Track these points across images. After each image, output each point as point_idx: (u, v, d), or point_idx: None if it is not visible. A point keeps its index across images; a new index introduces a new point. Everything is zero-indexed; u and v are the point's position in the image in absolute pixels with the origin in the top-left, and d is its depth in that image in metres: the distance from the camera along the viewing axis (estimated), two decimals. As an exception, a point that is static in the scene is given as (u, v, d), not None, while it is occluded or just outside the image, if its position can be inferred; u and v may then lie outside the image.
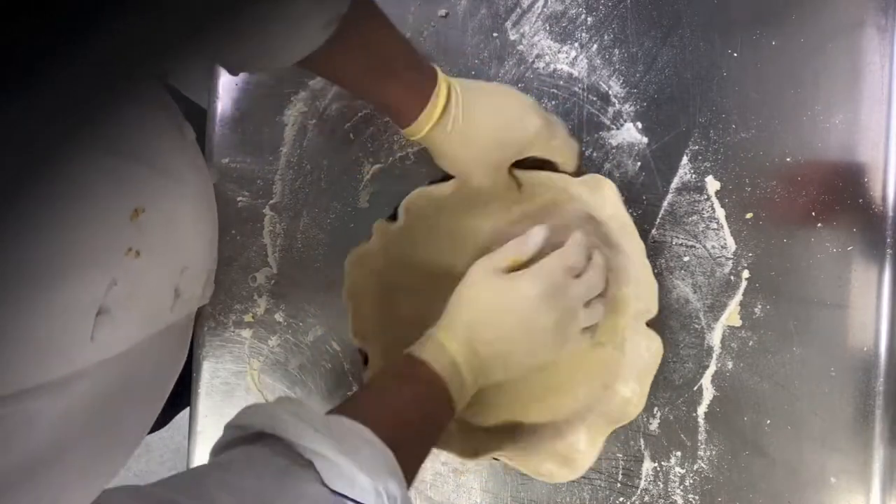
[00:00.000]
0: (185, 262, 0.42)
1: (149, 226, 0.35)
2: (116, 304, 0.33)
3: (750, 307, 0.59)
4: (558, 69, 0.62)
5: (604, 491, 0.62)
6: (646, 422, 0.61)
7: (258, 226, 0.66)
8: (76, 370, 0.31)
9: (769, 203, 0.59)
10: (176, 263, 0.41)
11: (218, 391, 0.67)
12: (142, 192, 0.35)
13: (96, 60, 0.17)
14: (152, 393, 0.42)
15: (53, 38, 0.16)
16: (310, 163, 0.66)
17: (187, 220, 0.42)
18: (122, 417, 0.38)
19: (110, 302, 0.32)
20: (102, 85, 0.18)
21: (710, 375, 0.60)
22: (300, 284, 0.66)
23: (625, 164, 0.61)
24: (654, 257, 0.60)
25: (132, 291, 0.34)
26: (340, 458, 0.40)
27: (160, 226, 0.37)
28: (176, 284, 0.41)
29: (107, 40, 0.17)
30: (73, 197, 0.29)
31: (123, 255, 0.33)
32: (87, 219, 0.31)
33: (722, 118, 0.59)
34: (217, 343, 0.67)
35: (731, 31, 0.59)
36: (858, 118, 0.57)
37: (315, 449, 0.40)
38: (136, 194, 0.35)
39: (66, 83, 0.17)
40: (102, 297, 0.32)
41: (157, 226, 0.36)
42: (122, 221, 0.34)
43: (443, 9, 0.63)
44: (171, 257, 0.40)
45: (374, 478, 0.40)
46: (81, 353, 0.31)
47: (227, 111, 0.66)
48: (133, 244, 0.34)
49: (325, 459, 0.40)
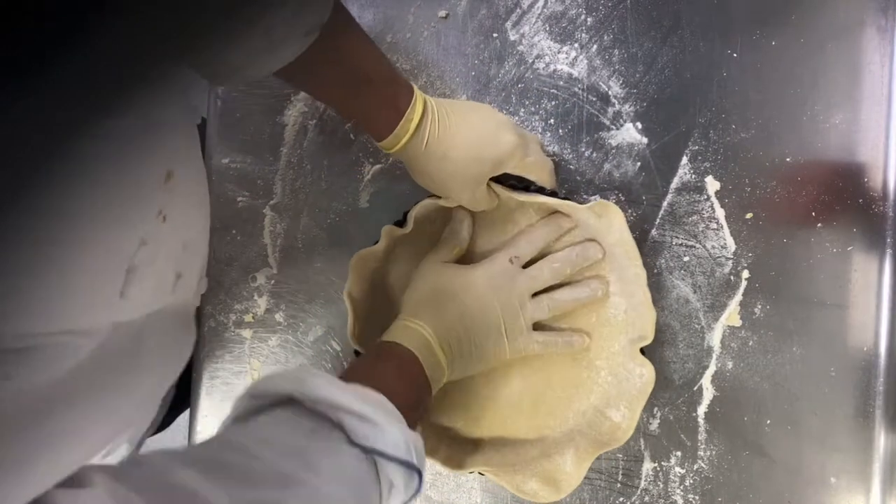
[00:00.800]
0: (186, 238, 0.43)
1: (176, 190, 0.37)
2: (143, 265, 0.35)
3: (750, 307, 0.59)
4: (558, 69, 0.62)
5: (604, 491, 0.62)
6: (646, 422, 0.61)
7: (258, 226, 0.66)
8: (102, 324, 0.33)
9: (769, 203, 0.59)
10: (182, 236, 0.42)
11: (218, 391, 0.67)
12: (173, 155, 0.37)
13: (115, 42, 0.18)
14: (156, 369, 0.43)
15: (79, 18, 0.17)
16: (310, 163, 0.66)
17: (197, 191, 0.44)
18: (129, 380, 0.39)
19: (139, 261, 0.34)
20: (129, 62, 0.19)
21: (710, 375, 0.60)
22: (300, 284, 0.66)
23: (625, 164, 0.61)
24: (654, 257, 0.61)
25: (155, 254, 0.36)
26: (371, 413, 0.40)
27: (183, 191, 0.39)
28: (177, 263, 0.42)
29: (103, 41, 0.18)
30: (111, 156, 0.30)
31: (154, 216, 0.35)
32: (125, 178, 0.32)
33: (722, 118, 0.59)
34: (217, 343, 0.67)
35: (731, 31, 0.59)
36: (858, 118, 0.57)
37: (346, 405, 0.40)
38: (170, 157, 0.36)
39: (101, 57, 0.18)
40: (133, 256, 0.34)
41: (181, 190, 0.38)
42: (158, 184, 0.35)
43: (443, 10, 0.63)
44: (183, 226, 0.41)
45: (402, 430, 0.41)
46: (109, 308, 0.33)
47: (227, 111, 0.66)
48: (163, 207, 0.36)
49: (355, 416, 0.41)
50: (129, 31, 0.18)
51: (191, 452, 0.36)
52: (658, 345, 0.61)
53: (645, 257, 0.58)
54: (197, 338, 0.61)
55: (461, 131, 0.53)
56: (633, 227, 0.61)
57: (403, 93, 0.51)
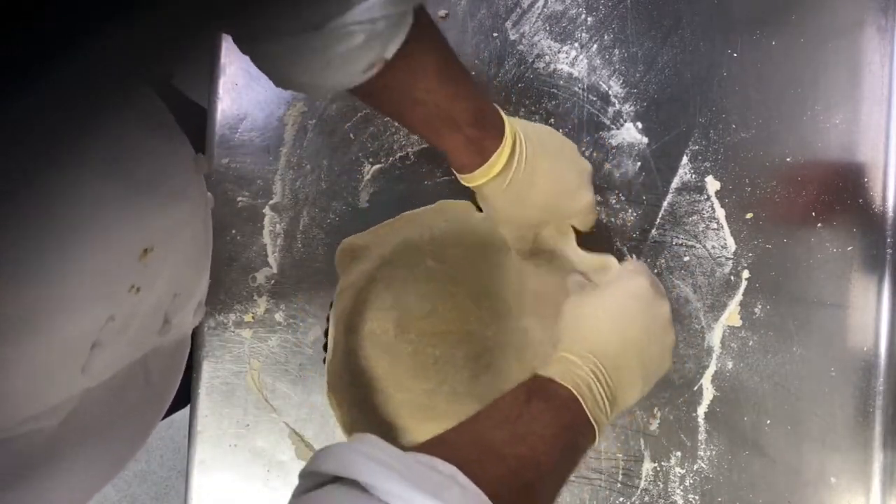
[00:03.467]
0: (178, 288, 0.41)
1: (154, 263, 0.35)
2: (109, 339, 0.33)
3: (750, 307, 0.59)
4: (558, 69, 0.62)
5: (604, 491, 0.62)
6: (646, 422, 0.61)
7: (258, 226, 0.66)
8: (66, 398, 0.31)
9: (769, 203, 0.59)
10: (170, 291, 0.40)
11: (218, 391, 0.67)
12: (153, 229, 0.35)
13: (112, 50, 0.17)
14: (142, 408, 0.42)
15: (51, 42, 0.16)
16: (310, 163, 0.66)
17: (186, 249, 0.42)
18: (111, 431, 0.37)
19: (104, 336, 0.32)
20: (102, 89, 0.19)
21: (710, 375, 0.60)
22: (300, 284, 0.66)
23: (625, 164, 0.61)
24: (654, 257, 0.61)
25: (127, 324, 0.34)
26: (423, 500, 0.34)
27: (164, 260, 0.36)
28: (166, 311, 0.40)
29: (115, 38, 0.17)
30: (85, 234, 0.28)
31: (126, 291, 0.33)
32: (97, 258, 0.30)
33: (722, 118, 0.59)
34: (217, 343, 0.67)
35: (731, 31, 0.59)
36: (858, 118, 0.57)
37: (390, 490, 0.35)
38: (148, 232, 0.34)
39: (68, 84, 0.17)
40: (98, 333, 0.32)
41: (161, 261, 0.36)
42: (132, 261, 0.33)
43: (443, 9, 0.63)
44: (166, 288, 0.39)
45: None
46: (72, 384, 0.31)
47: (227, 111, 0.66)
48: (136, 282, 0.34)
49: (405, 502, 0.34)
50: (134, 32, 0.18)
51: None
52: (658, 345, 0.61)
53: (645, 257, 0.58)
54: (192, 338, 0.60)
55: (546, 180, 0.51)
56: (634, 227, 0.61)
57: (491, 134, 0.48)
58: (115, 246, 0.32)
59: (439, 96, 0.45)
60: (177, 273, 0.41)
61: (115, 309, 0.32)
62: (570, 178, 0.52)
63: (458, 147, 0.48)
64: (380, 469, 0.35)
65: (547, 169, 0.51)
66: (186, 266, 0.42)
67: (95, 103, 0.19)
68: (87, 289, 0.30)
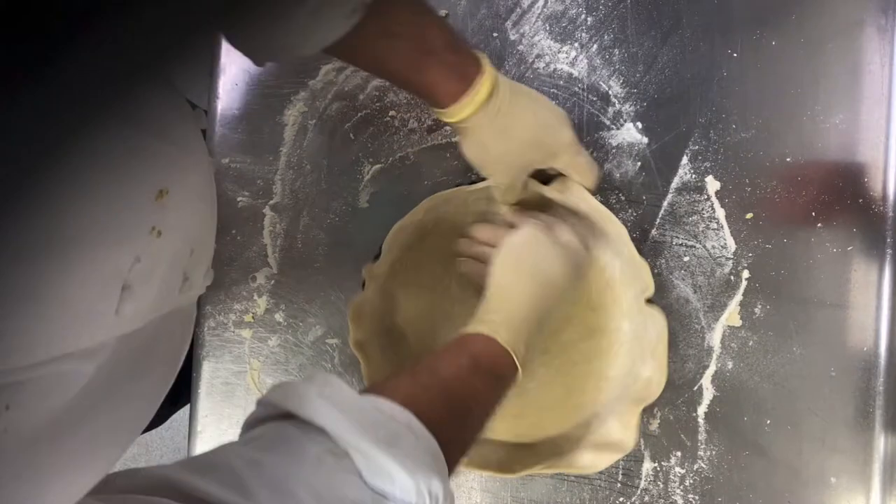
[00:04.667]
0: (193, 243, 0.43)
1: (171, 206, 0.36)
2: (138, 281, 0.34)
3: (750, 307, 0.59)
4: (558, 69, 0.62)
5: (604, 491, 0.62)
6: (646, 422, 0.61)
7: (258, 226, 0.66)
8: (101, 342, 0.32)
9: (769, 203, 0.59)
10: (186, 244, 0.41)
11: (218, 391, 0.67)
12: (167, 172, 0.36)
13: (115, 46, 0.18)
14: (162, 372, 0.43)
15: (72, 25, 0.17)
16: (310, 163, 0.66)
17: (198, 200, 0.43)
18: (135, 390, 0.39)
19: (133, 278, 0.33)
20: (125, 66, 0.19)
21: (710, 375, 0.60)
22: (300, 284, 0.66)
23: (625, 164, 0.61)
24: (654, 257, 0.60)
25: (152, 269, 0.35)
26: (377, 454, 0.36)
27: (179, 205, 0.38)
28: (184, 267, 0.42)
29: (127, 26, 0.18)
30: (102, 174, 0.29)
31: (147, 233, 0.34)
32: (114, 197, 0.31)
33: (722, 118, 0.59)
34: (217, 343, 0.67)
35: (731, 31, 0.59)
36: (858, 118, 0.57)
37: (349, 441, 0.37)
38: (162, 175, 0.35)
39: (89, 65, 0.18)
40: (127, 273, 0.33)
41: (176, 205, 0.37)
42: (148, 202, 0.34)
43: (443, 9, 0.63)
44: (184, 237, 0.41)
45: (414, 475, 0.37)
46: (107, 326, 0.33)
47: (227, 111, 0.66)
48: (156, 223, 0.35)
49: (361, 453, 0.37)
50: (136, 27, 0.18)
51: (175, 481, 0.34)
52: (658, 345, 0.61)
53: (645, 257, 0.58)
54: (192, 338, 0.61)
55: (528, 114, 0.52)
56: (634, 227, 0.61)
57: (471, 62, 0.49)
58: (131, 184, 0.33)
59: (414, 27, 0.46)
60: (192, 224, 0.42)
61: (140, 250, 0.34)
62: (550, 113, 0.54)
63: (441, 76, 0.48)
64: (336, 414, 0.37)
65: (526, 103, 0.52)
66: (199, 219, 0.44)
67: None
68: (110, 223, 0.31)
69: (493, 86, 0.50)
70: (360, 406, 0.39)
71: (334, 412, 0.37)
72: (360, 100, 0.65)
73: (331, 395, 0.39)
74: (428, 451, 0.39)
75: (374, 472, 0.37)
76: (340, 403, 0.38)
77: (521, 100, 0.52)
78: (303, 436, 0.38)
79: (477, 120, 0.51)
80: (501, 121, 0.51)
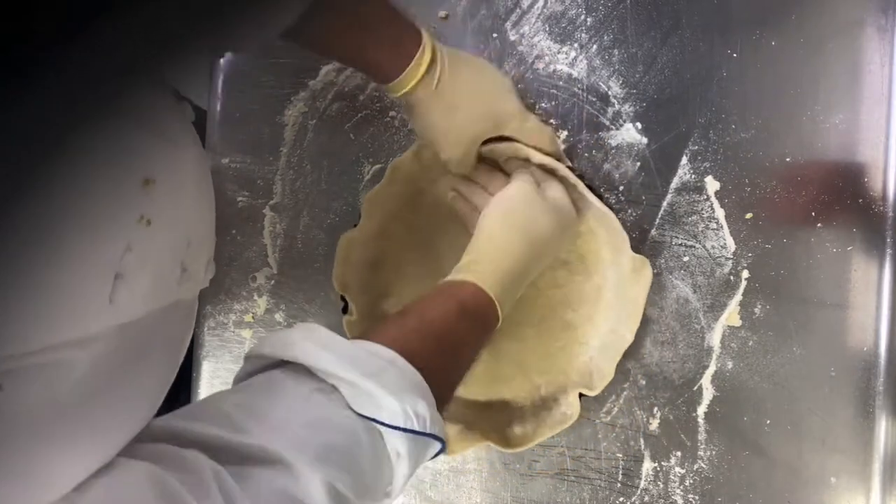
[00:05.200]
0: (190, 235, 0.43)
1: (159, 195, 0.37)
2: (131, 270, 0.35)
3: (750, 307, 0.59)
4: (558, 70, 0.62)
5: (604, 491, 0.62)
6: (646, 422, 0.61)
7: (258, 226, 0.66)
8: (98, 331, 0.33)
9: (769, 203, 0.59)
10: (182, 235, 0.42)
11: (218, 391, 0.67)
12: (152, 162, 0.37)
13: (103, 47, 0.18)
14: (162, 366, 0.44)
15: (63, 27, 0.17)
16: (310, 163, 0.66)
17: (191, 191, 0.44)
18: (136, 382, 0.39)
19: (125, 267, 0.34)
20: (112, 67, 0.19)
21: (710, 375, 0.60)
22: (300, 284, 0.66)
23: (624, 164, 0.61)
24: (654, 257, 0.61)
25: (145, 258, 0.36)
26: (363, 381, 0.39)
27: (169, 195, 0.38)
28: (182, 259, 0.42)
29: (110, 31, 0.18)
30: (87, 164, 0.30)
31: (136, 222, 0.35)
32: (100, 186, 0.32)
33: (722, 118, 0.59)
34: (217, 343, 0.67)
35: (730, 31, 0.59)
36: (858, 118, 0.57)
37: (335, 373, 0.39)
38: (148, 164, 0.36)
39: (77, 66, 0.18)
40: (118, 262, 0.34)
41: (165, 195, 0.38)
42: (134, 189, 0.35)
43: (443, 10, 0.63)
44: (178, 228, 0.41)
45: (400, 398, 0.39)
46: (101, 314, 0.33)
47: (227, 111, 0.66)
48: (144, 212, 0.36)
49: (348, 384, 0.39)
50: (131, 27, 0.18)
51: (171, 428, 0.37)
52: (658, 345, 0.61)
53: (645, 257, 0.58)
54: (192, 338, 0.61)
55: (470, 85, 0.53)
56: (633, 227, 0.61)
57: (411, 34, 0.51)
58: (115, 169, 0.34)
59: (350, 3, 0.48)
60: (186, 216, 0.43)
61: (129, 237, 0.34)
62: (495, 83, 0.55)
63: (382, 52, 0.50)
64: (321, 352, 0.40)
65: (468, 74, 0.53)
66: (193, 212, 0.44)
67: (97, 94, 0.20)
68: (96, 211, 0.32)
69: (433, 58, 0.51)
70: (345, 345, 0.42)
71: (319, 350, 0.40)
72: (360, 100, 0.65)
73: (316, 339, 0.41)
74: (412, 381, 0.41)
75: (362, 401, 0.39)
76: (326, 344, 0.41)
77: (462, 70, 0.53)
78: (289, 379, 0.40)
79: (421, 93, 0.52)
80: (446, 95, 0.52)
